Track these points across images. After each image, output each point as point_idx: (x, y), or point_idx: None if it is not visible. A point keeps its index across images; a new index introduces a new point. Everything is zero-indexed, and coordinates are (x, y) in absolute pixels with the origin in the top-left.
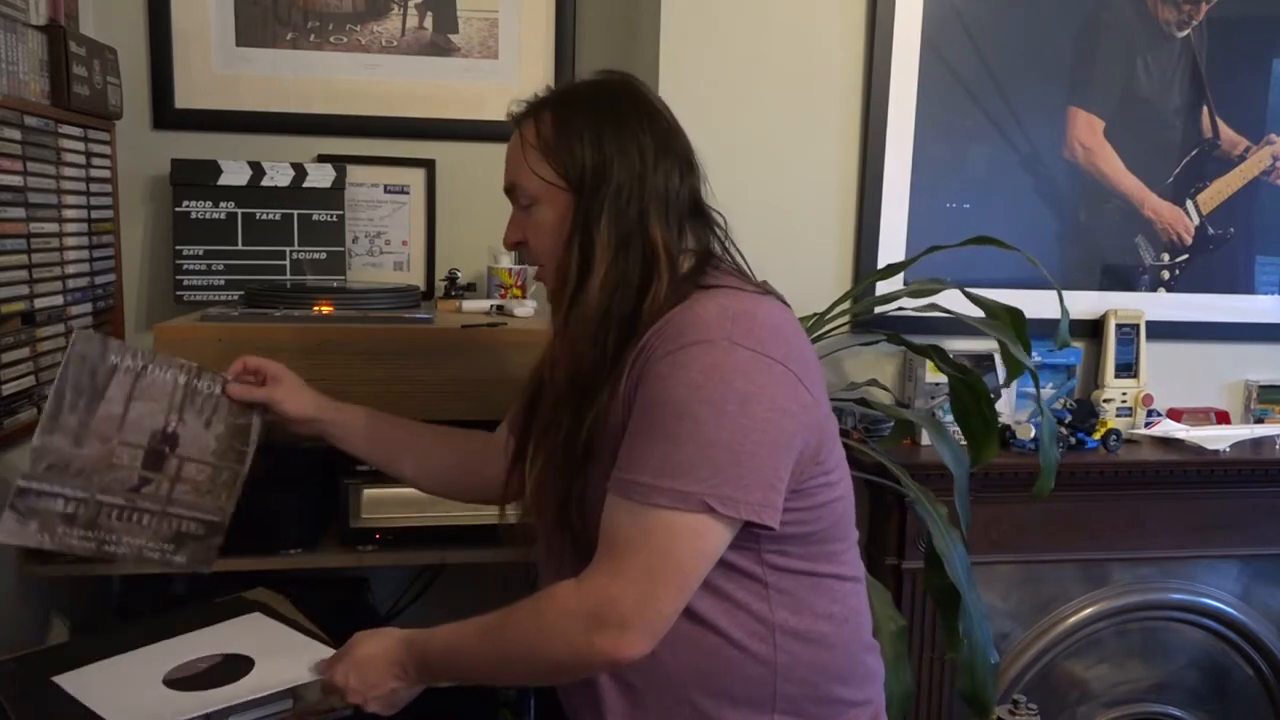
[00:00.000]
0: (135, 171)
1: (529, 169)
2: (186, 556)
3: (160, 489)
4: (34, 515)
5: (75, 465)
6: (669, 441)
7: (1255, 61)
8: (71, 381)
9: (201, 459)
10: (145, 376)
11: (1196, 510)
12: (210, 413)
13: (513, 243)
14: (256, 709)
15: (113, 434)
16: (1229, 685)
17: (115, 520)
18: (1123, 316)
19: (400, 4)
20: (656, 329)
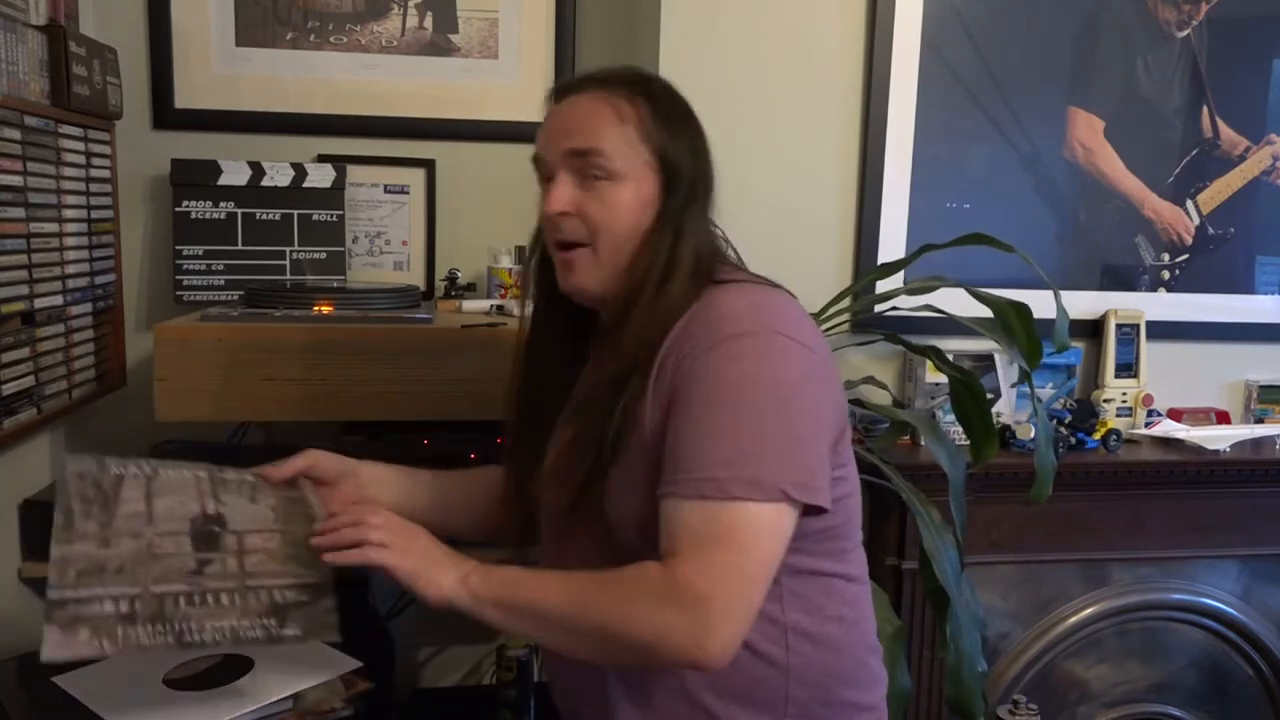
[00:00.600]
0: (135, 171)
1: (623, 142)
2: (300, 627)
3: (227, 565)
4: (80, 623)
5: (112, 565)
6: (735, 434)
7: (1255, 61)
8: (76, 497)
9: (263, 528)
10: (158, 478)
11: (1196, 510)
12: (251, 492)
13: (561, 211)
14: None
15: (143, 529)
16: (1229, 685)
17: (187, 607)
18: (1123, 316)
19: (400, 4)
20: (684, 327)
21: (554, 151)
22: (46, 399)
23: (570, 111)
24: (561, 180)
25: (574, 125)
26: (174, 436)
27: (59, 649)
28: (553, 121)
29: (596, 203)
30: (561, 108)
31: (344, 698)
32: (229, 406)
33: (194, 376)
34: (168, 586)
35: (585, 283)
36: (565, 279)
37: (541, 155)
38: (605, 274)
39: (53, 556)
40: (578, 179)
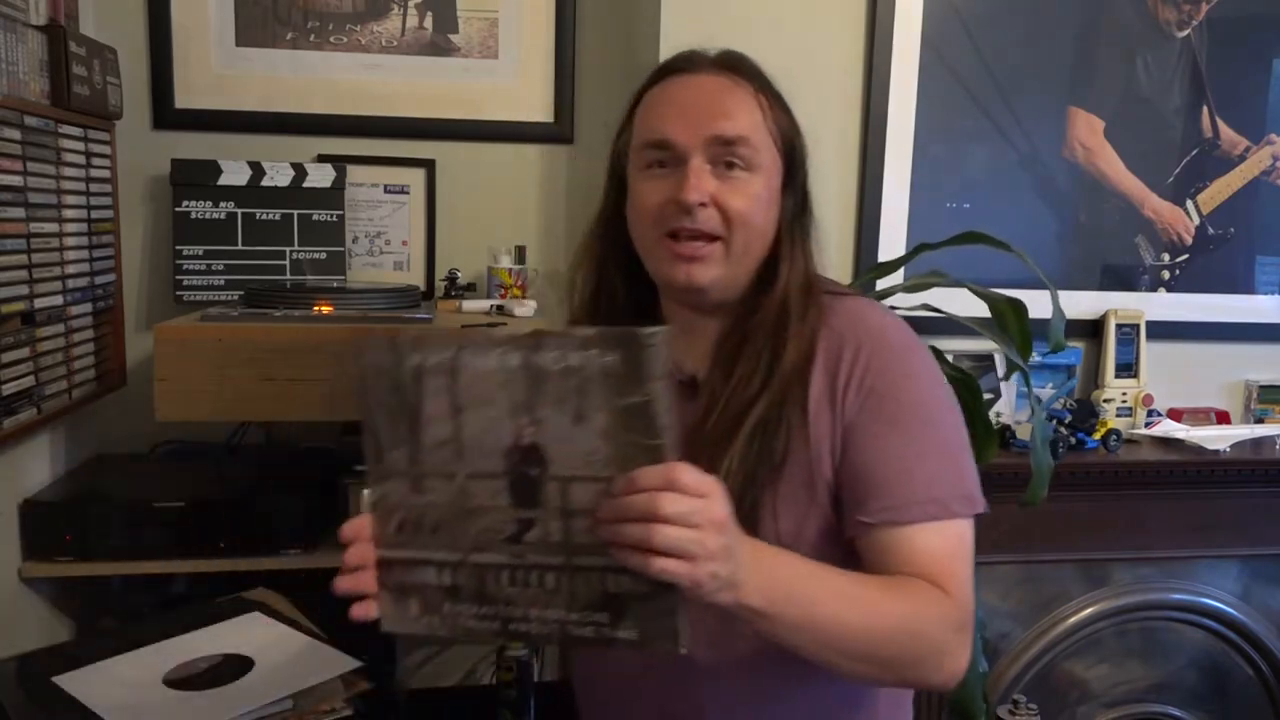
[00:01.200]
0: (135, 171)
1: (764, 132)
2: (636, 630)
3: (550, 530)
4: (410, 593)
5: (428, 519)
6: (935, 452)
7: (1255, 61)
8: (377, 406)
9: (590, 474)
10: (462, 372)
11: (1196, 510)
12: (577, 399)
13: (699, 200)
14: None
15: (454, 465)
16: (1229, 685)
17: (509, 586)
18: (1123, 316)
19: (400, 4)
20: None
21: (693, 135)
22: (46, 399)
23: (709, 93)
24: (700, 167)
25: (718, 108)
26: (174, 436)
27: (395, 621)
28: (686, 101)
29: (733, 194)
30: (691, 88)
31: (344, 698)
32: (229, 406)
33: (194, 376)
34: (487, 556)
35: (710, 279)
36: (686, 273)
37: (671, 139)
38: (733, 272)
39: (368, 499)
40: (712, 167)
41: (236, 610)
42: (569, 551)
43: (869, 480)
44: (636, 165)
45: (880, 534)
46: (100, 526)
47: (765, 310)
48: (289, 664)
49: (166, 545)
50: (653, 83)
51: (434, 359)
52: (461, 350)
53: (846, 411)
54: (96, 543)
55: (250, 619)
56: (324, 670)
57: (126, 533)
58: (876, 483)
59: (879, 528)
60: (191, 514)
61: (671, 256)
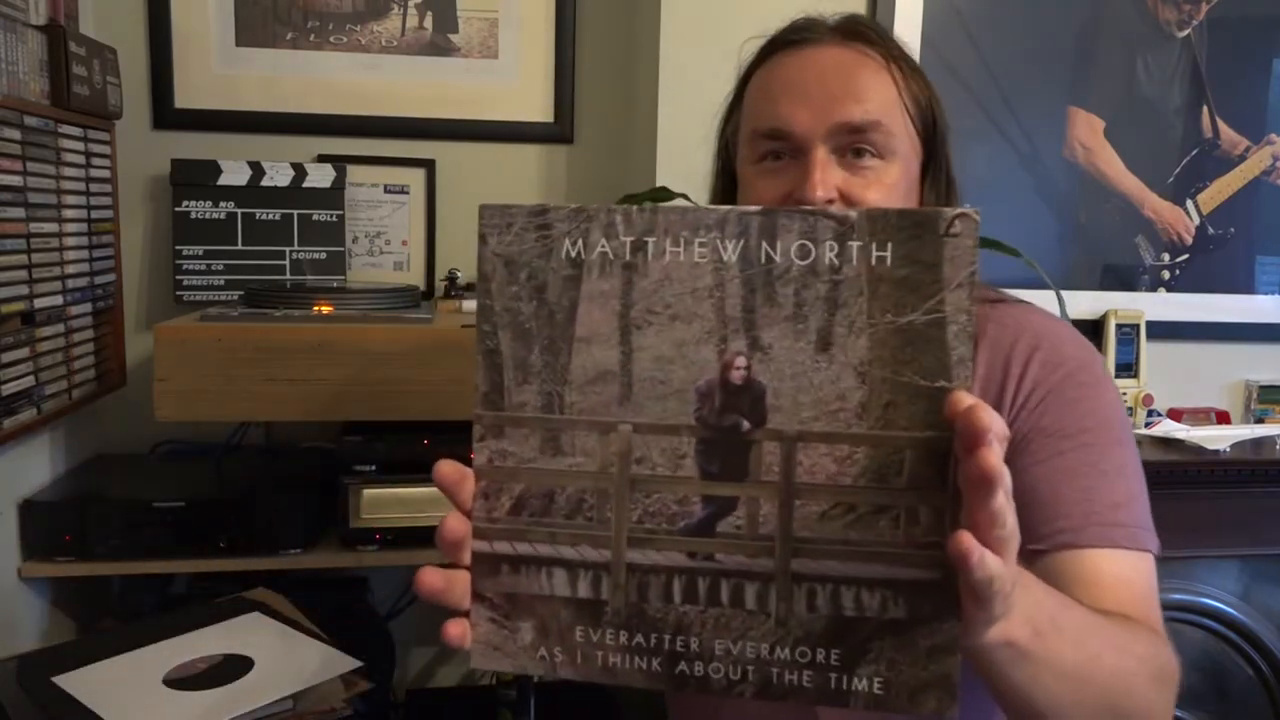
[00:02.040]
0: (135, 171)
1: (900, 113)
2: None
3: (758, 520)
4: (523, 610)
5: (565, 496)
6: (1125, 475)
7: (1255, 61)
8: (502, 317)
9: (834, 430)
10: (647, 269)
11: (1196, 510)
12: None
13: (826, 198)
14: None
15: (615, 409)
16: (1229, 685)
17: (684, 604)
18: (1123, 316)
19: (400, 4)
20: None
21: (814, 122)
22: (46, 399)
23: (832, 71)
24: (823, 159)
25: (844, 89)
26: (174, 436)
27: (492, 654)
28: (804, 82)
29: (865, 187)
30: (810, 65)
31: (344, 698)
32: (229, 406)
33: (194, 376)
34: (655, 555)
35: None
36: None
37: (787, 128)
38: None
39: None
40: (837, 157)
41: (236, 610)
42: (787, 550)
43: (1040, 501)
44: (748, 156)
45: (1054, 561)
46: (100, 526)
47: None
48: (289, 664)
49: (166, 545)
50: (762, 59)
51: (603, 246)
52: (649, 234)
53: (1014, 426)
54: (96, 543)
55: (250, 619)
56: (324, 670)
57: (126, 533)
58: (1047, 502)
59: (1052, 554)
60: (191, 514)
61: None
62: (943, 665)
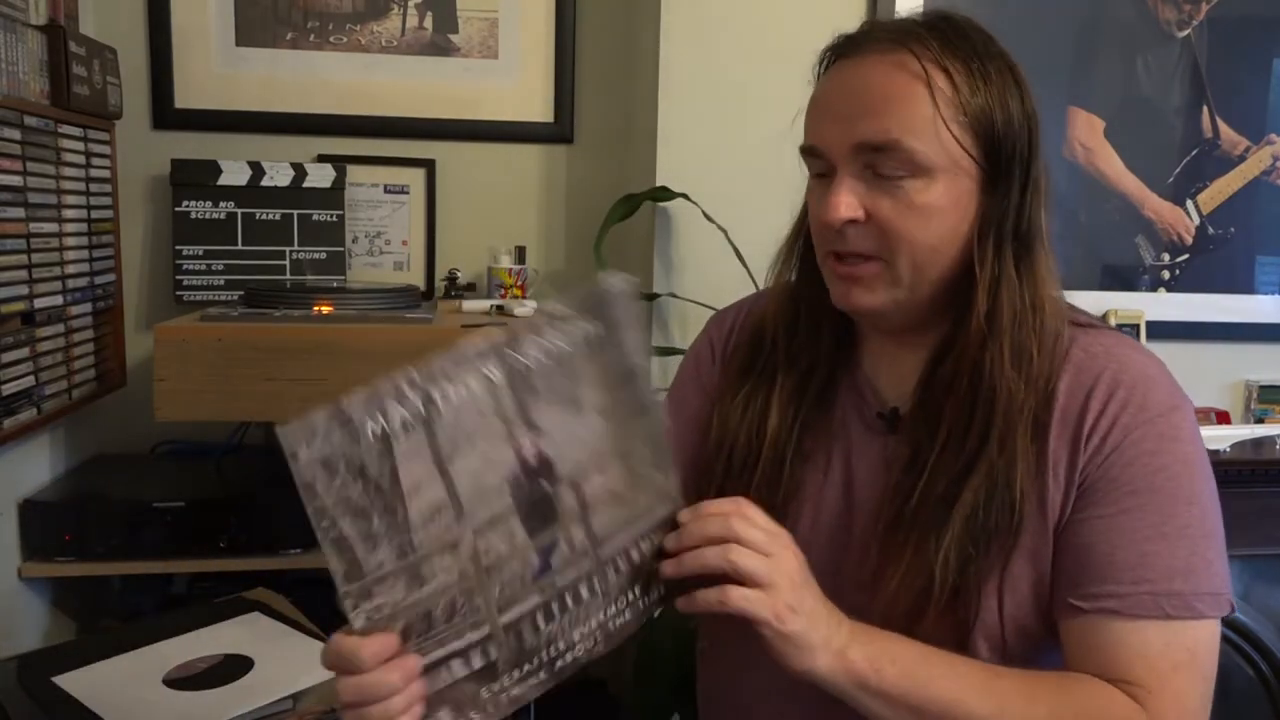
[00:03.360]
0: (135, 171)
1: (934, 125)
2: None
3: (574, 540)
4: (438, 703)
5: (439, 606)
6: (1189, 536)
7: (1255, 61)
8: (336, 509)
9: (598, 457)
10: (439, 420)
11: None
12: (569, 384)
13: (846, 219)
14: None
15: (455, 528)
16: (1229, 686)
17: (547, 625)
18: (1123, 316)
19: (400, 4)
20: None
21: (836, 141)
22: (46, 399)
23: (863, 85)
24: (845, 182)
25: (864, 106)
26: (174, 436)
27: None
28: (834, 97)
29: (893, 205)
30: (846, 80)
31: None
32: (229, 406)
33: (194, 376)
34: (518, 609)
35: (872, 303)
36: (844, 297)
37: (820, 145)
38: (907, 296)
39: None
40: (868, 175)
41: (236, 610)
42: (595, 550)
43: (1091, 556)
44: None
45: (1091, 624)
46: (100, 526)
47: (963, 346)
48: (289, 664)
49: (166, 545)
50: (823, 68)
51: (401, 413)
52: (432, 385)
53: (1084, 468)
54: (96, 543)
55: (250, 619)
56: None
57: (126, 533)
58: (1100, 561)
59: (1092, 615)
60: (191, 514)
61: (833, 277)
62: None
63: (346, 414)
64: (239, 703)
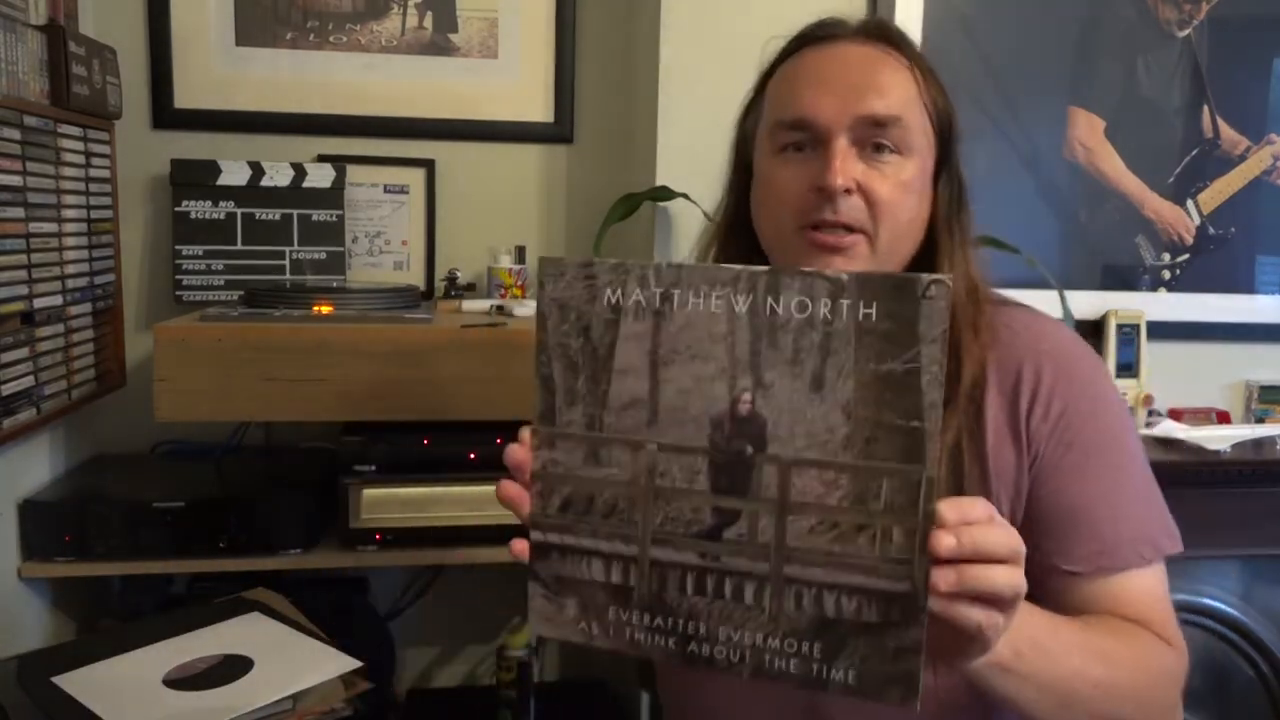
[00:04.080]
0: (135, 171)
1: (920, 112)
2: (856, 671)
3: (758, 528)
4: (569, 589)
5: (603, 499)
6: (1139, 485)
7: (1256, 61)
8: (555, 350)
9: (826, 456)
10: (672, 315)
11: (1196, 510)
12: (819, 359)
13: (845, 185)
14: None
15: (644, 431)
16: (1229, 686)
17: (695, 595)
18: (1123, 316)
19: (400, 4)
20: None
21: (837, 113)
22: (46, 399)
23: (857, 65)
24: (844, 149)
25: (868, 82)
26: (174, 436)
27: (545, 624)
28: (829, 74)
29: (881, 179)
30: (835, 59)
31: (344, 698)
32: (229, 406)
33: (194, 376)
34: (673, 553)
35: None
36: (827, 267)
37: (811, 117)
38: (878, 268)
39: (534, 465)
40: (858, 150)
41: (236, 610)
42: (780, 558)
43: (1073, 523)
44: (767, 148)
45: (1088, 583)
46: (100, 526)
47: None
48: (289, 664)
49: (166, 545)
50: (786, 55)
51: (637, 295)
52: (675, 287)
53: (1034, 443)
54: (96, 543)
55: (250, 619)
56: (324, 670)
57: (126, 533)
58: (1083, 525)
59: (1086, 577)
60: (191, 514)
61: (810, 248)
62: (908, 664)
63: (593, 272)
64: (239, 703)
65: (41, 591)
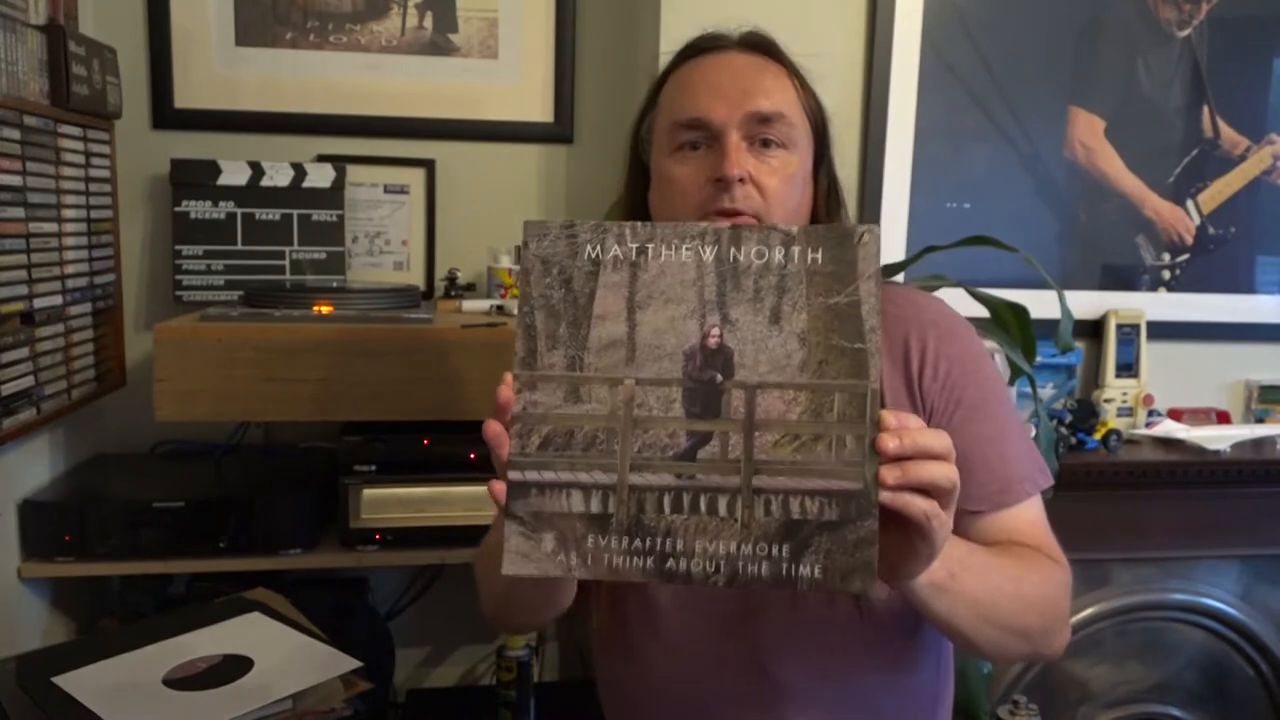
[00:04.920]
0: (135, 171)
1: (800, 111)
2: (820, 564)
3: (728, 445)
4: (545, 525)
5: (582, 431)
6: (1015, 429)
7: (1256, 61)
8: (538, 300)
9: (784, 379)
10: (647, 266)
11: (1196, 510)
12: (776, 297)
13: (739, 175)
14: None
15: (622, 368)
16: (1229, 686)
17: (672, 514)
18: (1123, 316)
19: (400, 4)
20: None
21: (729, 111)
22: (46, 399)
23: (743, 70)
24: (737, 143)
25: (754, 86)
26: (174, 436)
27: (520, 561)
28: (719, 79)
29: (769, 171)
30: (723, 66)
31: (344, 698)
32: (229, 406)
33: (194, 376)
34: (650, 477)
35: None
36: None
37: (706, 117)
38: None
39: (515, 408)
40: (748, 145)
41: (236, 610)
42: (749, 470)
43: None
44: (665, 148)
45: (986, 519)
46: (100, 526)
47: None
48: (289, 664)
49: (166, 545)
50: (678, 63)
51: (614, 250)
52: (649, 241)
53: (927, 400)
54: (96, 543)
55: (250, 619)
56: (324, 670)
57: (126, 533)
58: (976, 469)
59: (985, 514)
60: (191, 514)
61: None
62: (865, 554)
63: (575, 231)
64: (239, 703)
65: (41, 591)
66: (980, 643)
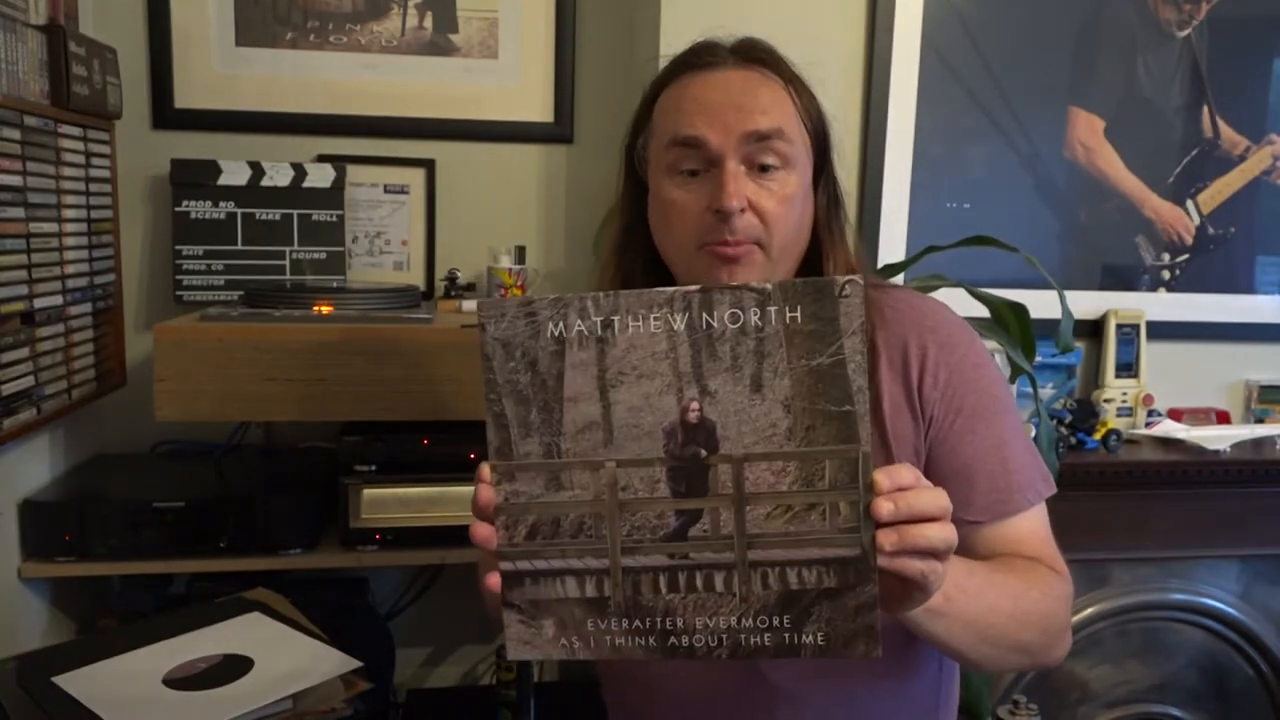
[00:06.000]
0: (135, 171)
1: (799, 127)
2: (823, 632)
3: (719, 521)
4: (545, 612)
5: (568, 518)
6: (1017, 437)
7: (1256, 61)
8: (504, 387)
9: (770, 450)
10: (615, 340)
11: (1196, 510)
12: (756, 363)
13: (739, 206)
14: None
15: (602, 451)
16: (1229, 686)
17: (669, 593)
18: (1123, 316)
19: (400, 4)
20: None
21: (725, 133)
22: (46, 399)
23: (738, 89)
24: (735, 170)
25: (750, 103)
26: (174, 436)
27: (523, 647)
28: (713, 99)
29: (769, 196)
30: (717, 85)
31: (344, 698)
32: (229, 406)
33: (194, 376)
34: (642, 559)
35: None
36: (729, 275)
37: (702, 136)
38: (774, 272)
39: (496, 499)
40: (746, 169)
41: (236, 610)
42: (743, 544)
43: (969, 478)
44: (661, 168)
45: (987, 529)
46: (100, 526)
47: None
48: (289, 664)
49: (166, 545)
50: (669, 78)
51: (579, 326)
52: (614, 314)
53: (927, 409)
54: (96, 543)
55: (250, 619)
56: (324, 670)
57: (126, 533)
58: (978, 479)
59: (986, 524)
60: (191, 514)
61: (710, 259)
62: (867, 619)
63: (534, 309)
64: (239, 703)
65: (41, 591)
66: (977, 660)
